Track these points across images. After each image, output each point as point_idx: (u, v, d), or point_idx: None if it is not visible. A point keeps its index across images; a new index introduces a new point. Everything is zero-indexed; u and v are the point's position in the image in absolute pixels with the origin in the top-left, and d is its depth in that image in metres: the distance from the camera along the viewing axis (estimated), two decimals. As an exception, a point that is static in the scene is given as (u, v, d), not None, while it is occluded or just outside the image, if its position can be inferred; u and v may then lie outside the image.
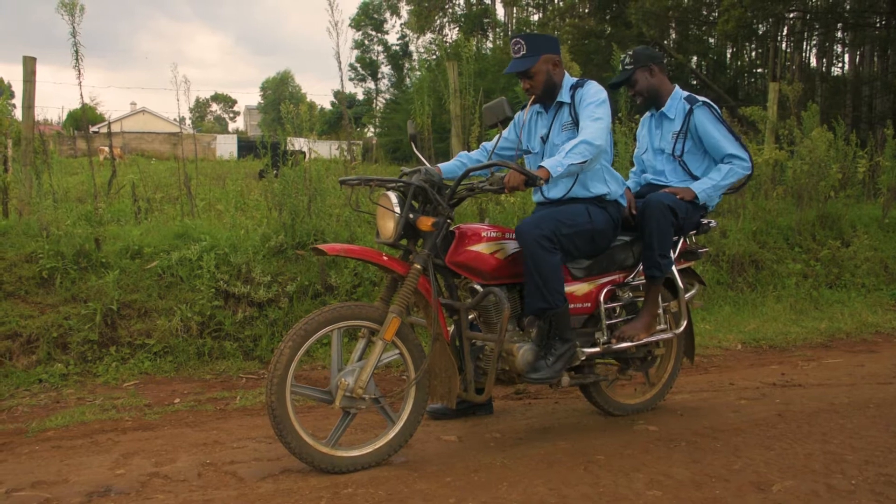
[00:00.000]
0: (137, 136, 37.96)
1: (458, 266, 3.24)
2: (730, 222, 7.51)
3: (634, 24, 20.89)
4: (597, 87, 3.46)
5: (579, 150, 3.20)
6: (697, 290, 4.02)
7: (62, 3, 5.80)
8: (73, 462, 3.22)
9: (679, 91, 3.92)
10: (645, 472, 3.09)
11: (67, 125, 39.89)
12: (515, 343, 3.31)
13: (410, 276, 3.10)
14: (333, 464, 3.03)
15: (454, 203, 3.26)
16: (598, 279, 3.58)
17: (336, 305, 3.11)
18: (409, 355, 3.20)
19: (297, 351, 2.97)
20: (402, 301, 3.08)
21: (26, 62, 6.39)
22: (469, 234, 3.26)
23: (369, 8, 46.55)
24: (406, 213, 3.12)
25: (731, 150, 3.74)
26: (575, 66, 7.76)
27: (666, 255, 3.55)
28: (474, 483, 2.98)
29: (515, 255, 3.31)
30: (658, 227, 3.51)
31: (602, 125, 3.30)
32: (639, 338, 3.57)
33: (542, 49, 3.45)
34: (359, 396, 3.04)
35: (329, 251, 3.11)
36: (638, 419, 3.83)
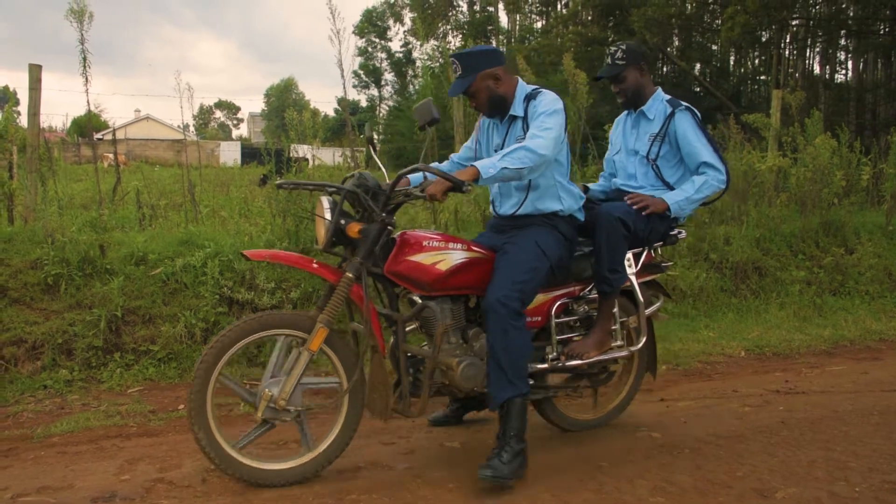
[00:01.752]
0: (141, 143, 38.07)
1: (396, 276, 3.07)
2: (733, 229, 7.51)
3: (637, 31, 20.93)
4: (551, 98, 3.25)
5: (518, 156, 3.00)
6: (662, 304, 3.84)
7: (71, 10, 5.84)
8: (78, 468, 3.23)
9: (661, 93, 3.77)
10: (648, 479, 3.10)
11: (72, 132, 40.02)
12: (456, 357, 3.12)
13: (341, 285, 2.99)
14: (246, 472, 2.94)
15: (392, 209, 3.08)
16: (550, 291, 3.39)
17: (265, 313, 3.04)
18: (340, 366, 3.08)
19: (219, 359, 2.87)
20: (331, 311, 2.97)
21: (32, 70, 6.42)
22: (410, 242, 3.09)
23: (373, 15, 46.71)
24: (336, 220, 2.99)
25: (707, 159, 3.56)
26: (581, 74, 7.75)
27: (616, 270, 3.37)
28: (478, 490, 2.98)
29: (459, 265, 3.13)
30: (607, 240, 3.35)
31: (550, 135, 3.09)
32: (589, 355, 3.40)
33: (478, 66, 3.25)
34: (282, 408, 2.94)
35: (253, 257, 3.03)
36: (641, 426, 3.83)
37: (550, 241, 3.26)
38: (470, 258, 3.17)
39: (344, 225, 3.00)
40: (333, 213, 3.00)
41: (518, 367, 3.04)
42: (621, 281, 3.41)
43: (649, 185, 3.68)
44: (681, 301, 6.65)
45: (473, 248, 3.22)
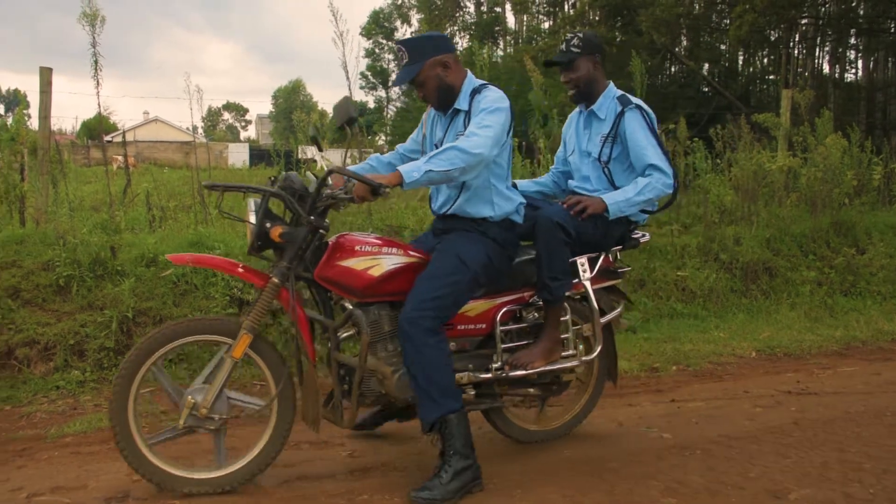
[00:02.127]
0: (150, 145, 38.22)
1: (326, 281, 2.96)
2: (743, 229, 7.49)
3: (645, 31, 20.88)
4: (498, 94, 3.08)
5: (447, 157, 2.83)
6: (622, 311, 3.65)
7: (83, 13, 5.86)
8: (92, 468, 3.25)
9: (613, 89, 3.54)
10: (660, 480, 3.10)
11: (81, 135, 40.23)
12: (391, 366, 3.00)
13: (266, 291, 2.91)
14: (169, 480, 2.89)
15: (322, 211, 2.94)
16: (496, 298, 3.25)
17: (191, 318, 2.99)
18: (268, 372, 2.99)
19: (141, 365, 2.83)
20: (255, 317, 2.90)
21: (43, 73, 6.45)
22: (342, 246, 2.97)
23: (380, 16, 46.78)
24: (261, 223, 2.89)
25: (654, 161, 3.35)
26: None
27: (557, 277, 3.17)
28: (488, 490, 2.98)
29: (394, 271, 3.00)
30: (546, 246, 3.16)
31: (488, 134, 2.92)
32: (533, 366, 3.21)
33: (426, 53, 3.08)
34: (204, 416, 2.86)
35: (176, 261, 2.95)
36: (652, 427, 3.82)
37: (475, 249, 3.08)
38: (406, 263, 3.04)
39: (269, 228, 2.90)
40: (258, 215, 2.91)
41: (440, 385, 2.89)
42: (564, 289, 3.21)
43: (604, 189, 3.49)
44: (691, 302, 6.64)
45: (411, 252, 3.09)
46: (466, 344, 3.21)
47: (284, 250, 2.92)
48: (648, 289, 6.62)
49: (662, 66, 24.60)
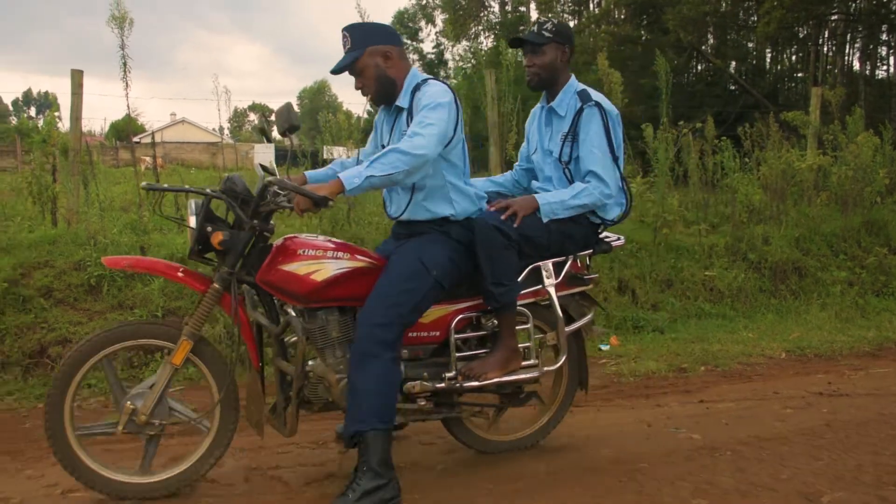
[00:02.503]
0: (177, 146, 38.58)
1: (268, 286, 2.85)
2: (772, 229, 7.41)
3: (672, 29, 20.74)
4: (438, 89, 2.92)
5: (388, 161, 2.69)
6: (593, 318, 3.44)
7: (112, 16, 5.94)
8: (124, 465, 3.27)
9: (574, 83, 3.32)
10: (689, 481, 3.07)
11: (110, 136, 40.74)
12: (337, 373, 2.89)
13: (207, 296, 2.84)
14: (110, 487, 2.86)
15: (265, 215, 2.84)
16: (453, 304, 3.10)
17: (131, 322, 2.94)
18: (211, 377, 2.93)
19: (78, 369, 2.77)
20: (195, 322, 2.83)
21: (74, 75, 6.54)
22: (285, 250, 2.86)
23: (404, 17, 46.87)
24: (200, 226, 2.79)
25: (594, 168, 3.13)
26: (615, 74, 7.70)
27: (501, 283, 2.98)
28: (516, 490, 2.98)
29: (339, 276, 2.86)
30: (485, 251, 2.97)
31: (431, 132, 2.77)
32: (487, 377, 3.04)
33: (368, 40, 2.94)
34: (143, 423, 2.81)
35: (112, 265, 2.88)
36: (680, 427, 3.79)
37: (438, 252, 2.96)
38: (353, 268, 2.90)
39: (210, 232, 2.80)
40: (198, 218, 2.81)
41: (373, 402, 2.75)
42: (510, 295, 3.03)
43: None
44: (719, 302, 6.59)
45: (359, 256, 2.95)
46: (420, 352, 3.07)
47: (226, 255, 2.83)
48: (676, 289, 6.58)
49: (688, 65, 24.40)
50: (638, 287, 6.44)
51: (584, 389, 3.56)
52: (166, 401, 2.87)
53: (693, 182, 8.10)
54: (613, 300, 6.23)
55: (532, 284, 3.17)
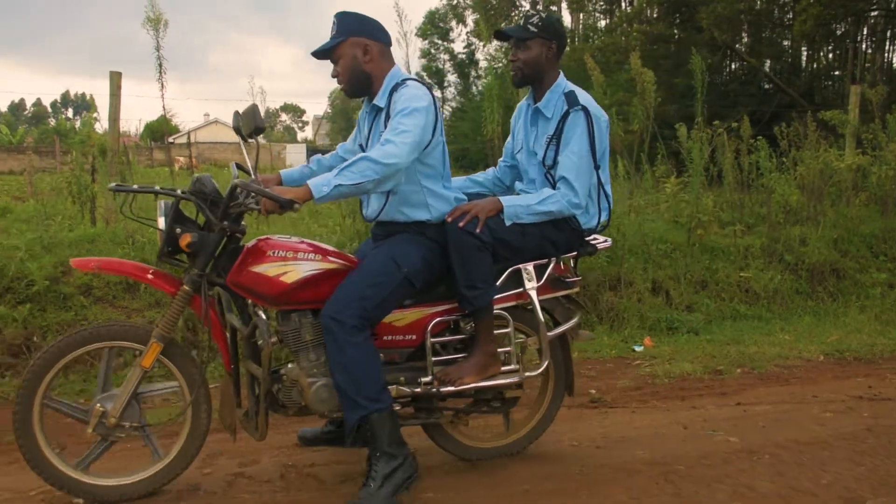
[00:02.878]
0: (210, 146, 39.00)
1: (239, 287, 2.81)
2: (809, 230, 7.30)
3: (706, 28, 20.49)
4: (414, 92, 2.85)
5: (358, 169, 2.65)
6: (579, 321, 3.34)
7: (147, 18, 6.03)
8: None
9: (562, 83, 3.18)
10: (727, 484, 3.04)
11: (145, 136, 41.32)
12: (310, 377, 2.86)
13: (177, 299, 2.81)
14: (82, 490, 2.83)
15: (235, 216, 2.79)
16: (429, 307, 3.03)
17: (102, 323, 2.91)
18: (182, 379, 2.91)
19: (48, 370, 2.75)
20: (165, 324, 2.81)
21: (112, 77, 6.64)
22: (255, 251, 2.81)
23: (435, 17, 46.85)
24: (170, 228, 2.77)
25: (567, 175, 3.02)
26: (648, 73, 7.63)
27: (475, 287, 2.90)
28: (552, 491, 2.98)
29: (310, 278, 2.82)
30: (457, 253, 2.89)
31: (405, 140, 2.72)
32: (463, 382, 2.96)
33: (351, 30, 2.90)
34: (113, 425, 2.79)
35: (80, 267, 2.87)
36: (717, 430, 3.75)
37: (412, 251, 2.92)
38: (324, 269, 2.85)
39: (179, 234, 2.77)
40: (167, 220, 2.79)
41: (363, 385, 2.73)
42: (483, 299, 2.94)
43: None
44: (754, 303, 6.50)
45: (331, 258, 2.90)
46: (396, 356, 3.00)
47: (196, 256, 2.80)
48: (710, 290, 6.52)
49: (722, 64, 24.11)
50: (672, 288, 6.39)
51: (570, 394, 3.44)
52: (137, 403, 2.85)
53: (728, 182, 8.01)
54: (647, 301, 6.18)
55: (513, 287, 3.09)
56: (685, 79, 16.79)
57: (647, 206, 7.65)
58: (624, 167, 7.16)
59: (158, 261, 2.89)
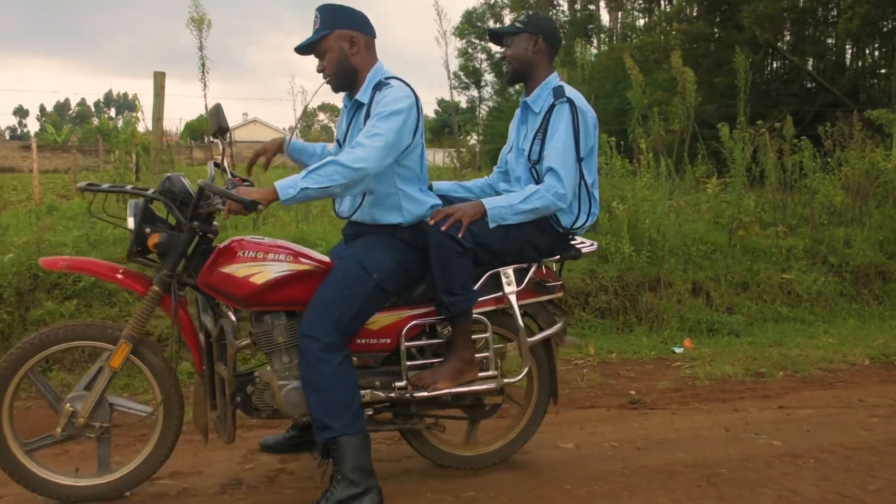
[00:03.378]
0: (248, 145, 39.40)
1: (208, 288, 2.78)
2: (854, 231, 7.16)
3: (747, 26, 20.20)
4: (396, 94, 2.78)
5: (326, 172, 2.60)
6: (564, 326, 3.23)
7: (191, 18, 6.13)
8: (205, 455, 3.37)
9: (554, 79, 3.13)
10: (771, 488, 3.00)
11: (185, 135, 41.92)
12: (281, 380, 2.80)
13: (146, 299, 2.79)
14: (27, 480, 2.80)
15: (205, 217, 2.76)
16: (404, 310, 2.95)
17: (71, 323, 2.91)
18: (153, 379, 2.88)
19: (17, 370, 2.75)
20: (135, 325, 2.78)
21: (156, 77, 6.77)
22: (226, 252, 2.76)
23: (473, 16, 46.84)
24: (138, 228, 2.74)
25: (553, 165, 2.93)
26: (689, 72, 7.57)
27: (453, 292, 2.82)
28: (594, 492, 2.97)
29: (280, 279, 2.76)
30: (438, 258, 2.81)
31: (376, 144, 2.66)
32: (437, 387, 2.89)
33: (338, 22, 2.85)
34: (82, 425, 2.77)
35: (49, 266, 2.84)
36: (760, 433, 3.70)
37: (381, 255, 2.84)
38: (294, 271, 2.79)
39: (148, 234, 2.75)
40: (136, 219, 2.75)
41: (334, 407, 2.67)
42: (463, 305, 2.86)
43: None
44: (797, 305, 6.40)
45: (303, 259, 2.84)
46: (370, 360, 2.94)
47: (166, 256, 2.77)
48: (752, 291, 6.43)
49: (764, 62, 23.74)
50: (712, 289, 6.31)
51: (553, 400, 3.31)
52: (106, 402, 2.84)
53: (770, 183, 7.89)
54: (687, 302, 6.12)
55: (491, 291, 3.02)
56: (725, 78, 16.59)
57: (688, 207, 7.57)
58: (666, 167, 7.08)
59: (128, 260, 2.87)
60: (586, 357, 5.22)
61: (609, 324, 5.88)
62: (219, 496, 2.96)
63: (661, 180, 7.01)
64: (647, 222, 6.36)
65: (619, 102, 14.45)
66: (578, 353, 5.24)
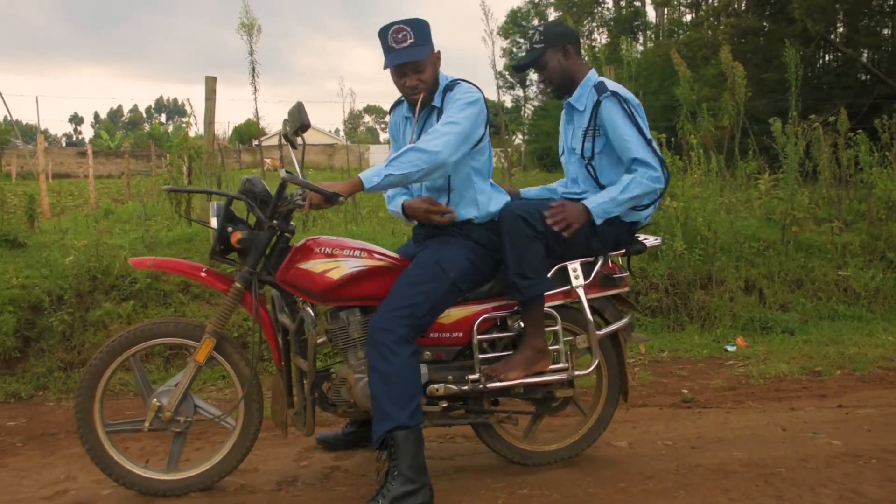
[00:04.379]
0: (296, 148, 39.82)
1: (286, 284, 2.88)
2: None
3: (798, 19, 19.77)
4: (467, 89, 2.92)
5: (408, 159, 2.69)
6: (630, 321, 3.25)
7: (242, 24, 6.23)
8: (261, 453, 3.43)
9: (593, 76, 3.18)
10: (832, 488, 2.94)
11: (233, 139, 42.60)
12: (356, 374, 2.87)
13: (229, 295, 2.88)
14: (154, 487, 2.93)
15: (284, 215, 2.87)
16: (476, 304, 3.01)
17: (156, 321, 2.99)
18: (234, 375, 2.98)
19: (106, 368, 2.86)
20: (218, 321, 2.89)
21: (208, 81, 6.87)
22: (302, 249, 2.87)
23: (517, 16, 46.74)
24: (222, 227, 2.86)
25: (638, 154, 2.99)
26: (738, 67, 7.45)
27: (526, 276, 2.86)
28: (649, 490, 2.94)
29: (355, 274, 2.85)
30: (510, 241, 2.87)
31: (451, 131, 2.76)
32: (509, 377, 2.93)
33: (429, 38, 2.93)
34: (168, 419, 2.88)
35: (138, 265, 2.95)
36: (818, 433, 3.62)
37: (456, 254, 2.91)
38: (369, 267, 2.88)
39: (230, 232, 2.86)
40: (219, 219, 2.87)
41: (396, 397, 2.70)
42: (536, 289, 2.89)
43: (592, 189, 3.16)
44: (854, 303, 6.24)
45: (377, 255, 2.93)
46: (442, 354, 2.99)
47: (248, 255, 2.87)
48: (806, 289, 6.29)
49: (815, 56, 23.22)
50: (765, 287, 6.20)
51: (624, 398, 3.33)
52: (191, 398, 2.94)
53: (824, 178, 7.72)
54: (739, 300, 6.02)
55: (560, 285, 3.04)
56: (775, 73, 16.26)
57: (739, 204, 7.45)
58: (716, 163, 6.98)
59: (211, 259, 2.97)
60: (637, 356, 5.17)
61: (660, 322, 5.82)
62: (275, 493, 3.01)
63: (712, 177, 6.91)
64: (700, 220, 6.28)
65: (665, 99, 14.29)
66: (629, 352, 5.19)
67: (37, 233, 7.00)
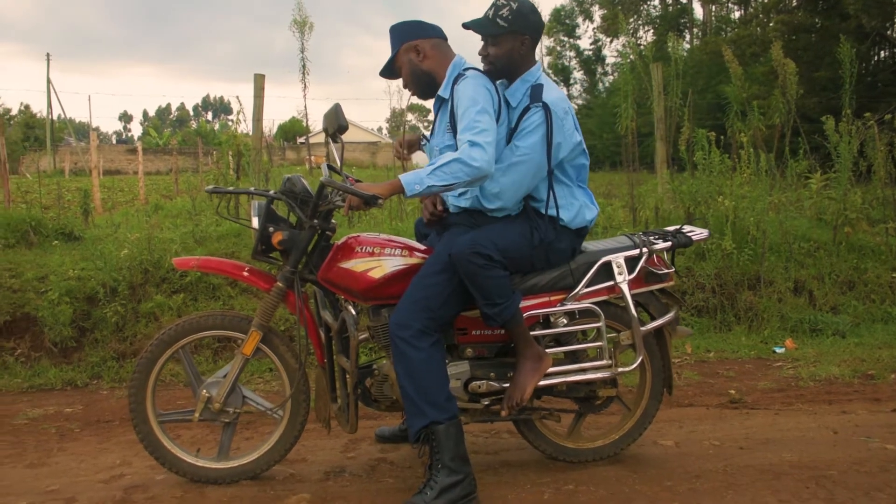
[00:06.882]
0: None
1: (328, 283, 2.90)
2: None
3: (852, 14, 19.32)
4: (474, 83, 2.81)
5: (450, 171, 2.65)
6: (676, 316, 3.21)
7: (294, 21, 6.31)
8: (309, 444, 3.48)
9: (534, 73, 2.97)
10: (887, 493, 2.88)
11: (278, 137, 43.14)
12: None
13: (271, 295, 2.93)
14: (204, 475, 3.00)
15: (325, 214, 2.89)
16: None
17: (206, 313, 3.02)
18: (283, 369, 3.03)
19: (157, 360, 2.93)
20: (263, 315, 2.93)
21: (256, 79, 6.97)
22: (344, 248, 2.87)
23: (561, 14, 46.47)
24: (263, 227, 2.89)
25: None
26: (790, 64, 7.31)
27: (495, 303, 2.76)
28: (697, 489, 2.91)
29: (396, 273, 2.85)
30: (468, 279, 2.74)
31: (488, 140, 2.69)
32: (523, 398, 2.88)
33: (399, 39, 2.96)
34: (218, 410, 2.95)
35: (181, 265, 3.00)
36: (871, 437, 3.55)
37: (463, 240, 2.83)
38: (409, 265, 2.88)
39: (271, 232, 2.89)
40: (260, 219, 2.91)
41: (428, 393, 2.70)
42: (508, 311, 2.78)
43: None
44: (903, 304, 6.10)
45: (417, 254, 2.93)
46: (484, 350, 2.98)
47: (289, 254, 2.91)
48: (859, 291, 6.17)
49: (870, 52, 22.65)
50: (816, 288, 6.09)
51: (668, 391, 3.29)
52: (239, 389, 3.01)
53: (879, 178, 7.53)
54: (788, 301, 5.92)
55: (603, 281, 3.01)
56: (827, 70, 15.90)
57: (789, 203, 7.31)
58: (766, 162, 6.86)
59: (253, 258, 3.02)
60: (683, 356, 5.12)
61: (706, 322, 5.76)
62: (323, 482, 3.05)
63: (762, 176, 6.80)
64: (749, 219, 6.19)
65: (712, 97, 14.08)
66: (675, 351, 5.14)
67: (91, 227, 7.20)
